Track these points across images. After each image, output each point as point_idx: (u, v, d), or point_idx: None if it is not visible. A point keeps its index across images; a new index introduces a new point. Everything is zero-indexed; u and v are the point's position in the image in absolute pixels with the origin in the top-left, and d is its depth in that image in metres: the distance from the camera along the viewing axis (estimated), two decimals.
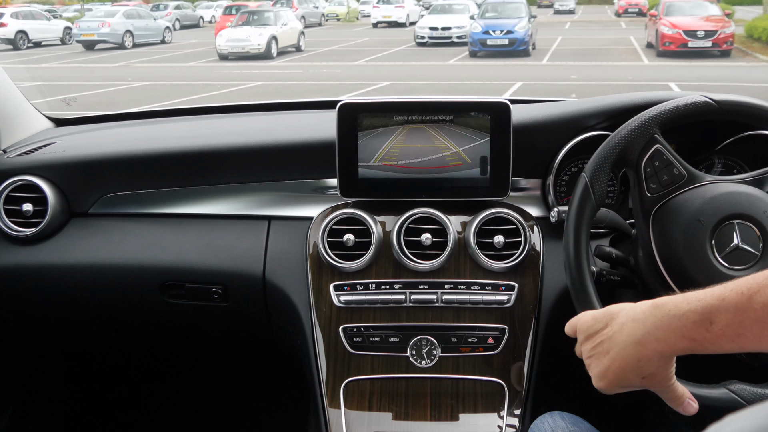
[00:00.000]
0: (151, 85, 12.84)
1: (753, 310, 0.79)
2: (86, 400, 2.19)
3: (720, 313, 0.81)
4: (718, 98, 1.21)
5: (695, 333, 0.83)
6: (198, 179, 1.59)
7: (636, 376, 0.91)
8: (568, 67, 14.62)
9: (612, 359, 0.92)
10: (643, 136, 1.19)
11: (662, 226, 1.18)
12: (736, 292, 0.81)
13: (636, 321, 0.90)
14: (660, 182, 1.19)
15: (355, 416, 1.35)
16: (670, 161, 1.19)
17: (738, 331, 0.81)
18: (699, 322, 0.83)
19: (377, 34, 24.29)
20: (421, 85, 12.77)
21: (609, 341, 0.93)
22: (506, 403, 1.36)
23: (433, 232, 1.42)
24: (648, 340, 0.88)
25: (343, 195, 1.47)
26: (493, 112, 1.42)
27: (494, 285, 1.41)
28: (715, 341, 0.83)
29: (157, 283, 1.56)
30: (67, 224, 1.61)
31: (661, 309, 0.87)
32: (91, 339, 1.97)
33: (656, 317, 0.87)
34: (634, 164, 1.20)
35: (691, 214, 1.15)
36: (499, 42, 16.61)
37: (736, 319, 0.80)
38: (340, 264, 1.42)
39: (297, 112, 2.10)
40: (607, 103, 1.48)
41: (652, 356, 0.88)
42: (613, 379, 0.94)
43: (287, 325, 1.50)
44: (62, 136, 1.83)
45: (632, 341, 0.89)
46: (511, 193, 1.47)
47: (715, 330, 0.82)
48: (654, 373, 0.91)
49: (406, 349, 1.38)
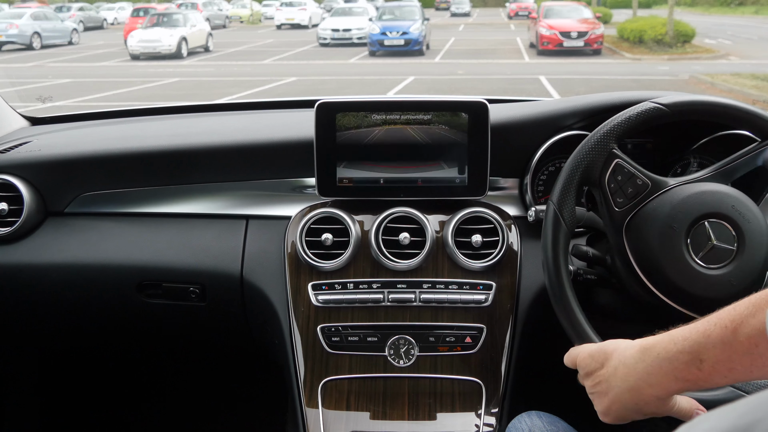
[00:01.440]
0: (74, 82, 13.19)
1: (739, 342, 0.77)
2: (62, 401, 2.13)
3: (708, 350, 0.80)
4: (666, 101, 1.19)
5: (687, 374, 0.82)
6: (176, 178, 1.56)
7: (638, 415, 0.91)
8: (458, 64, 15.60)
9: (611, 401, 0.91)
10: (602, 153, 1.17)
11: (636, 237, 1.17)
12: (720, 327, 0.79)
13: (627, 366, 0.88)
14: (626, 195, 1.18)
15: (333, 416, 1.33)
16: (632, 173, 1.18)
17: (729, 366, 0.79)
18: (689, 362, 0.81)
19: (281, 35, 24.88)
20: (327, 80, 13.54)
21: (606, 383, 0.92)
22: (484, 402, 1.35)
23: (411, 232, 1.40)
24: (641, 386, 0.86)
25: (321, 194, 1.45)
26: (471, 111, 1.40)
27: (472, 284, 1.39)
28: (707, 379, 0.81)
29: (134, 282, 1.53)
30: (43, 223, 1.58)
31: (650, 353, 0.85)
32: (67, 339, 1.91)
33: (646, 363, 0.85)
34: (597, 182, 1.19)
35: (662, 221, 1.14)
36: (396, 42, 17.65)
37: (725, 355, 0.78)
38: (318, 263, 1.40)
39: (275, 112, 2.07)
40: (584, 103, 1.47)
41: (649, 400, 0.87)
42: (616, 417, 0.93)
43: (265, 324, 1.48)
44: (38, 135, 1.80)
45: (627, 387, 0.88)
46: (489, 192, 1.45)
47: (706, 368, 0.80)
48: (654, 411, 0.90)
49: (384, 348, 1.37)
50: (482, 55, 17.58)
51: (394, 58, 17.22)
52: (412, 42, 17.70)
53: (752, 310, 0.78)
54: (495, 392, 1.36)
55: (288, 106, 2.11)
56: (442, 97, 1.43)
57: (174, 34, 17.97)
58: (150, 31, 18.19)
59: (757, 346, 0.76)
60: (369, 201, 1.46)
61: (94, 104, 10.72)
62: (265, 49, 19.91)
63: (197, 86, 12.94)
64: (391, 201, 1.44)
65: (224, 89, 12.21)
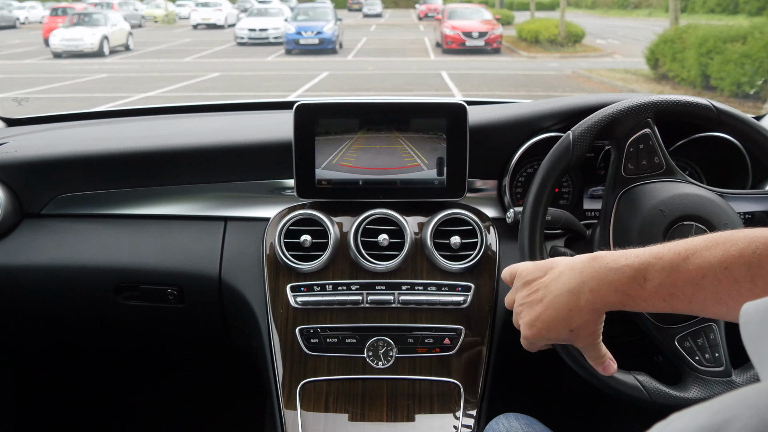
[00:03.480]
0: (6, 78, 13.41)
1: (687, 270, 0.78)
2: (38, 403, 2.11)
3: (655, 271, 0.80)
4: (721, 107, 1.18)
5: (629, 288, 0.82)
6: (153, 180, 1.55)
7: (564, 327, 0.90)
8: (368, 62, 16.35)
9: (545, 307, 0.91)
10: (637, 117, 1.16)
11: (626, 207, 1.17)
12: (673, 252, 0.80)
13: (573, 270, 0.89)
14: (638, 165, 1.17)
15: (311, 417, 1.32)
16: (654, 149, 1.17)
17: (671, 291, 0.80)
18: (633, 278, 0.82)
19: (198, 35, 24.86)
20: (248, 75, 14.13)
21: (545, 289, 0.92)
22: (462, 403, 1.33)
23: (390, 233, 1.39)
24: (582, 289, 0.86)
25: (300, 196, 1.43)
26: (449, 113, 1.39)
27: (451, 286, 1.38)
28: (647, 298, 0.82)
29: (112, 284, 1.51)
30: (19, 225, 1.55)
31: (599, 261, 0.86)
32: (44, 341, 1.88)
33: (593, 268, 0.86)
34: (619, 140, 1.17)
35: (655, 203, 1.13)
36: (311, 41, 18.31)
37: (670, 279, 0.79)
38: (297, 265, 1.38)
39: (254, 113, 2.07)
40: (561, 105, 1.46)
41: (584, 307, 0.87)
42: (541, 328, 0.92)
43: (243, 326, 1.47)
44: (14, 136, 1.77)
45: (567, 290, 0.88)
46: (468, 194, 1.44)
47: (649, 287, 0.81)
48: (582, 326, 0.90)
49: (363, 350, 1.35)
50: (392, 53, 18.32)
51: (310, 56, 17.82)
52: (325, 41, 18.40)
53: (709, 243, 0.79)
54: (473, 394, 1.35)
55: (267, 107, 2.12)
56: (422, 99, 1.43)
57: (96, 33, 18.14)
58: (72, 30, 18.24)
59: (704, 278, 0.77)
60: (348, 203, 1.44)
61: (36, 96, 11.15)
62: (185, 48, 20.14)
63: (127, 81, 13.32)
64: (370, 203, 1.43)
65: (154, 83, 12.66)
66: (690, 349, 1.10)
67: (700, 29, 11.51)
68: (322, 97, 1.31)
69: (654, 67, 12.98)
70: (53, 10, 22.83)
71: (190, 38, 23.69)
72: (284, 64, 16.65)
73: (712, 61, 10.59)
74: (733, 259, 0.76)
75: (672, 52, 12.02)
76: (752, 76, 9.63)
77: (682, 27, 12.77)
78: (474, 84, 12.44)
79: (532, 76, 13.30)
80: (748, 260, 0.76)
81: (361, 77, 13.84)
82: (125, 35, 19.88)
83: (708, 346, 1.11)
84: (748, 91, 9.53)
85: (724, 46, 10.24)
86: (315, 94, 11.66)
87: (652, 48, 12.92)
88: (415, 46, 20.77)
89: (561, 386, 1.83)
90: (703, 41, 10.84)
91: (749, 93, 9.48)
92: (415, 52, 18.98)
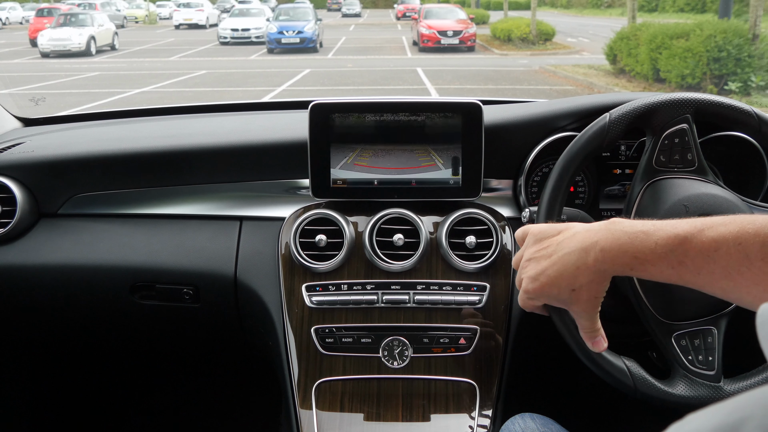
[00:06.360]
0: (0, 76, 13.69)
1: (701, 241, 0.78)
2: (54, 402, 2.11)
3: (669, 238, 0.80)
4: (762, 116, 1.16)
5: (639, 251, 0.82)
6: (169, 179, 1.54)
7: (567, 286, 0.90)
8: (348, 59, 16.91)
9: (552, 262, 0.90)
10: (676, 111, 1.14)
11: (650, 198, 1.15)
12: (690, 224, 0.80)
13: (589, 231, 0.88)
14: (670, 158, 1.15)
15: (326, 417, 1.31)
16: (689, 145, 1.15)
17: (681, 259, 0.80)
18: (645, 242, 0.82)
19: (181, 35, 25.30)
20: (233, 72, 14.58)
21: (556, 245, 0.91)
22: (478, 403, 1.32)
23: (405, 233, 1.39)
24: (593, 248, 0.86)
25: (315, 196, 1.42)
26: (464, 112, 1.38)
27: (466, 285, 1.37)
28: (656, 263, 0.81)
29: (128, 284, 1.51)
30: (36, 225, 1.56)
31: (616, 225, 0.86)
32: (60, 340, 1.90)
33: (609, 230, 0.86)
34: (656, 129, 1.15)
35: (680, 198, 1.11)
36: (292, 40, 18.86)
37: (682, 248, 0.79)
38: (312, 264, 1.38)
39: (269, 113, 2.06)
40: (577, 104, 1.44)
41: (591, 265, 0.87)
42: (545, 283, 0.91)
43: (259, 325, 1.46)
44: (31, 136, 1.78)
45: (579, 247, 0.87)
46: (483, 193, 1.43)
47: (659, 252, 0.81)
48: (585, 286, 0.89)
49: (378, 349, 1.35)
50: (370, 51, 18.82)
51: (291, 55, 18.30)
52: (306, 40, 18.92)
53: (726, 220, 0.79)
54: (489, 394, 1.34)
55: (281, 107, 2.10)
56: (437, 99, 1.41)
57: (83, 33, 18.56)
58: (59, 30, 18.68)
59: (716, 251, 0.77)
60: (363, 202, 1.43)
61: (35, 92, 11.55)
62: (169, 48, 20.51)
63: (118, 78, 13.72)
64: (385, 202, 1.42)
65: (145, 80, 13.07)
66: (685, 347, 1.10)
67: (652, 27, 12.24)
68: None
69: (613, 62, 13.71)
70: (39, 11, 23.11)
71: (173, 38, 24.09)
72: (267, 62, 17.04)
73: (660, 56, 11.35)
74: (748, 236, 0.76)
75: (627, 48, 12.76)
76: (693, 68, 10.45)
77: (637, 25, 13.53)
78: (446, 79, 13.01)
79: (501, 72, 13.81)
80: (764, 239, 0.75)
81: (340, 74, 14.27)
82: (111, 35, 20.34)
83: (704, 348, 1.10)
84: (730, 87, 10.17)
85: (671, 42, 11.01)
86: (299, 88, 12.22)
87: (610, 45, 13.64)
88: (392, 44, 21.23)
89: (577, 387, 1.85)
90: (653, 38, 11.58)
91: (732, 89, 10.12)
92: (393, 51, 19.44)
